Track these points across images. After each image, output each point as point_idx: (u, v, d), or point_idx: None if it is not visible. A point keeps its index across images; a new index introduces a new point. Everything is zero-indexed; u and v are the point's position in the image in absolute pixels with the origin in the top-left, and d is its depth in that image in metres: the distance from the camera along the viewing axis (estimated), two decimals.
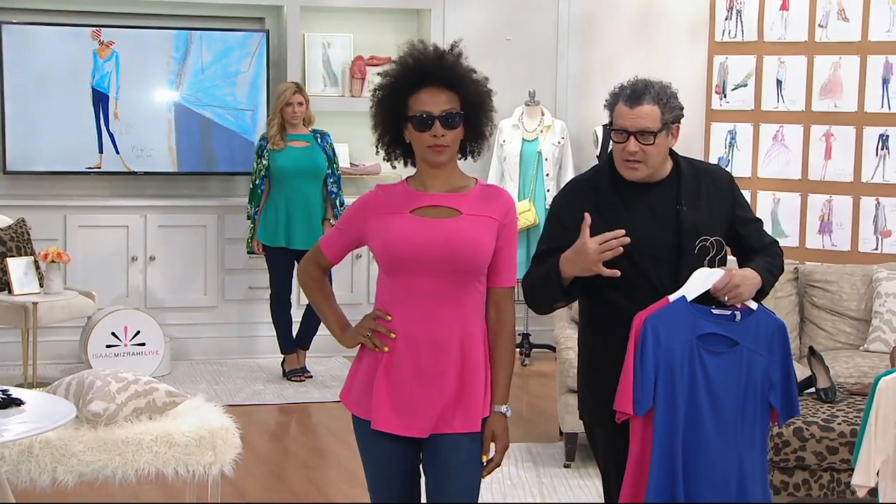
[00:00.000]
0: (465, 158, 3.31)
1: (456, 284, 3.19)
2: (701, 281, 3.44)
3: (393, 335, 3.21)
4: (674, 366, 3.40)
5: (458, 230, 3.18)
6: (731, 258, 3.66)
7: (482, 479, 3.28)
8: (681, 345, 3.40)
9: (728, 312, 3.46)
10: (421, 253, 3.16)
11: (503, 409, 3.25)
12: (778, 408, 3.50)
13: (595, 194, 3.50)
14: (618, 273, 3.37)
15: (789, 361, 3.52)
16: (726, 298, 3.45)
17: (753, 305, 3.49)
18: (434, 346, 3.19)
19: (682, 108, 3.55)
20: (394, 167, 3.40)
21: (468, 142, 3.27)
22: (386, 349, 3.21)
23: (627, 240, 3.36)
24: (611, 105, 3.55)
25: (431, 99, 3.17)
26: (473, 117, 3.23)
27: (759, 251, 3.63)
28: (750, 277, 3.49)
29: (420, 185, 3.26)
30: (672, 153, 3.59)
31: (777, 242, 3.72)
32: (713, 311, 3.45)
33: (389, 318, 3.22)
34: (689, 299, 3.42)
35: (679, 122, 3.55)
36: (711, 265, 3.50)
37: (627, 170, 3.50)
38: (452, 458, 3.20)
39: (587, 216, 3.40)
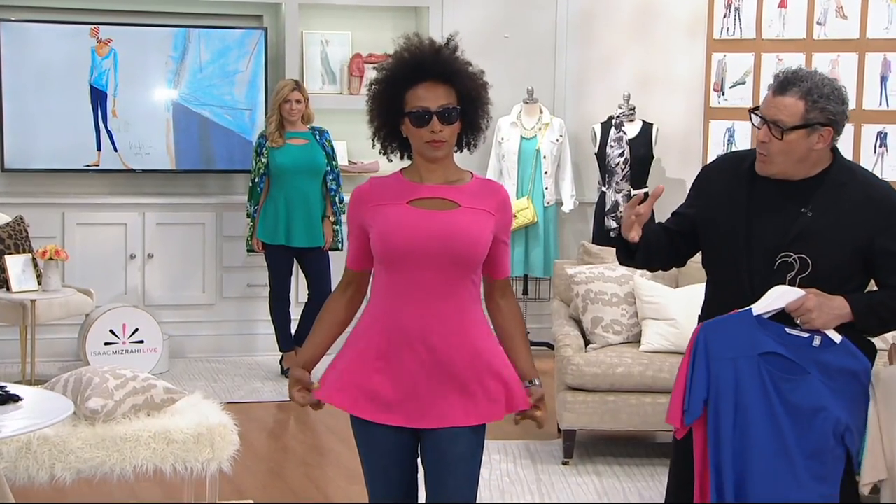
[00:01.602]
0: (462, 151, 3.30)
1: (453, 277, 3.18)
2: (775, 298, 3.24)
3: (315, 385, 3.32)
4: (720, 379, 3.25)
5: (457, 222, 3.16)
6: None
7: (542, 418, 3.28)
8: (734, 359, 3.24)
9: (805, 335, 3.22)
10: (419, 243, 3.14)
11: (538, 381, 3.31)
12: (852, 451, 3.27)
13: (733, 176, 3.37)
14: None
15: (864, 409, 3.28)
16: (799, 321, 3.23)
17: (836, 338, 3.24)
18: (433, 339, 3.18)
19: (838, 114, 3.24)
20: (390, 160, 3.38)
21: (465, 135, 3.26)
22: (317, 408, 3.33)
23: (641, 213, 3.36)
24: (769, 86, 3.34)
25: (428, 94, 3.15)
26: (470, 111, 3.22)
27: (891, 289, 3.31)
28: (834, 307, 3.22)
29: (416, 176, 3.24)
30: (836, 156, 3.34)
31: None
32: (787, 330, 3.24)
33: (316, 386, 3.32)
34: (754, 313, 3.24)
35: (833, 126, 3.25)
36: (792, 284, 3.27)
37: (758, 160, 3.33)
38: (452, 451, 3.19)
39: (639, 194, 3.44)
